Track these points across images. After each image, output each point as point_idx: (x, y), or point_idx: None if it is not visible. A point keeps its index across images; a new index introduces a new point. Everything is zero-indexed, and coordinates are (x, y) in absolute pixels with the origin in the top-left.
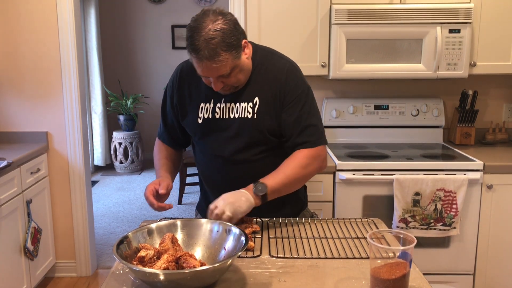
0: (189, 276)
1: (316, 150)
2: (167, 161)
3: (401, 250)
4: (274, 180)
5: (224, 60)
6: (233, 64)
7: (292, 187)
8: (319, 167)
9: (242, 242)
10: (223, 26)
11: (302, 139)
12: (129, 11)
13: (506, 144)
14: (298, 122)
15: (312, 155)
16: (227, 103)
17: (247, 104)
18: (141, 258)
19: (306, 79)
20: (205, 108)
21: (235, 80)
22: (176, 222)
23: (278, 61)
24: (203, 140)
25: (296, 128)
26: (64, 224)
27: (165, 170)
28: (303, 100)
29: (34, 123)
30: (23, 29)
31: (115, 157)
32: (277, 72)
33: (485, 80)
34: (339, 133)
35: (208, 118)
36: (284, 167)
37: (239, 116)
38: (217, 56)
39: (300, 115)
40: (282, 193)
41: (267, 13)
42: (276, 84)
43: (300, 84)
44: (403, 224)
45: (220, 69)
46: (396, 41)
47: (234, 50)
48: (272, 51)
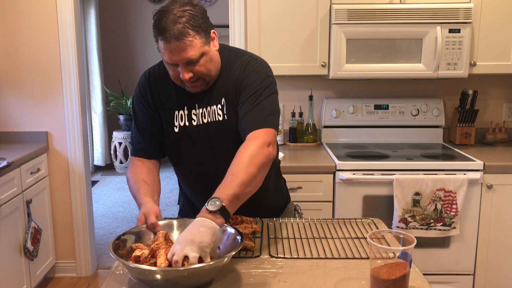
0: (185, 273)
1: (256, 135)
2: (144, 184)
3: (401, 250)
4: (226, 187)
5: (192, 40)
6: (202, 49)
7: (250, 185)
8: (267, 154)
9: (238, 241)
10: (191, 9)
11: (244, 125)
12: (129, 11)
13: (506, 144)
14: (244, 108)
15: (254, 142)
16: (200, 108)
17: (216, 106)
18: (137, 258)
19: (306, 79)
20: (179, 116)
21: (205, 71)
22: (172, 222)
23: (240, 58)
24: (179, 150)
25: (241, 113)
26: (64, 224)
27: (145, 195)
28: (256, 87)
29: (34, 123)
30: (23, 29)
31: (115, 157)
32: (237, 68)
33: (485, 80)
34: (339, 133)
35: (184, 126)
36: (231, 169)
37: (211, 120)
38: (184, 35)
39: (248, 100)
40: (242, 197)
41: (267, 13)
42: (236, 81)
43: (257, 72)
44: (403, 224)
45: (188, 51)
46: (396, 41)
47: (202, 33)
48: (236, 50)
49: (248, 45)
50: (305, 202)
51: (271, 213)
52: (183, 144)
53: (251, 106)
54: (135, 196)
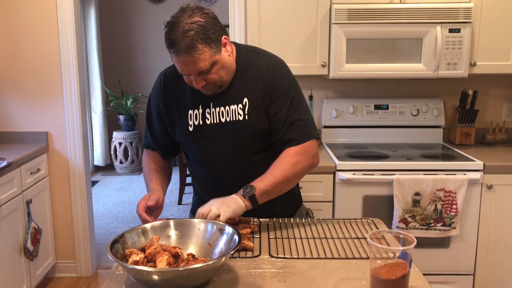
0: (183, 273)
1: (303, 146)
2: (156, 173)
3: (401, 250)
4: (262, 182)
5: (201, 53)
6: (212, 59)
7: (283, 187)
8: (310, 164)
9: (236, 241)
10: (200, 19)
11: (289, 136)
12: (129, 11)
13: (506, 144)
14: (285, 118)
15: (300, 152)
16: (216, 107)
17: (236, 106)
18: (135, 263)
19: (306, 79)
20: (194, 115)
21: (217, 78)
22: (169, 222)
23: (262, 58)
24: (196, 148)
25: (283, 123)
26: (64, 224)
27: (156, 183)
28: (291, 95)
29: (34, 123)
30: (23, 29)
31: (115, 157)
32: (262, 69)
33: (485, 80)
34: (339, 133)
35: (199, 125)
36: (273, 168)
37: (231, 120)
38: (193, 49)
39: (288, 110)
40: (274, 194)
41: (267, 13)
42: (262, 81)
43: (286, 78)
44: (403, 224)
45: (198, 63)
46: (396, 41)
47: (212, 43)
48: (255, 49)
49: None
50: (305, 202)
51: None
52: (198, 143)
53: (295, 117)
54: (147, 183)
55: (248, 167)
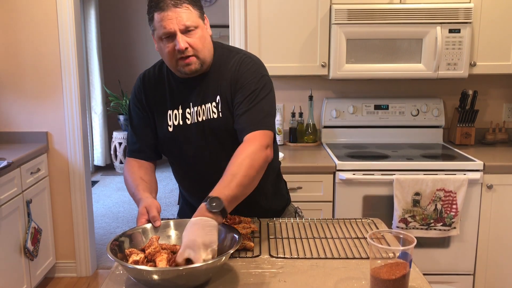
0: (183, 273)
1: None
2: (142, 181)
3: (401, 250)
4: (225, 187)
5: (188, 7)
6: (197, 21)
7: (248, 186)
8: (264, 156)
9: (236, 241)
10: None
11: (241, 125)
12: (129, 11)
13: (506, 144)
14: (240, 108)
15: (253, 143)
16: (195, 107)
17: (211, 104)
18: (136, 263)
19: (306, 79)
20: (173, 115)
21: (200, 46)
22: (169, 222)
23: (234, 56)
24: (174, 149)
25: (237, 113)
26: (64, 224)
27: (144, 190)
28: (252, 88)
29: (34, 123)
30: (23, 29)
31: (115, 157)
32: (231, 65)
33: (485, 80)
34: (339, 133)
35: (178, 125)
36: (230, 169)
37: (206, 118)
38: (181, 2)
39: (244, 101)
40: (240, 197)
41: (267, 13)
42: (230, 77)
43: (252, 72)
44: (403, 224)
45: (184, 17)
46: (396, 41)
47: (197, 7)
48: (230, 48)
49: (248, 45)
50: (305, 202)
51: (269, 215)
52: (178, 143)
53: (248, 107)
54: (133, 193)
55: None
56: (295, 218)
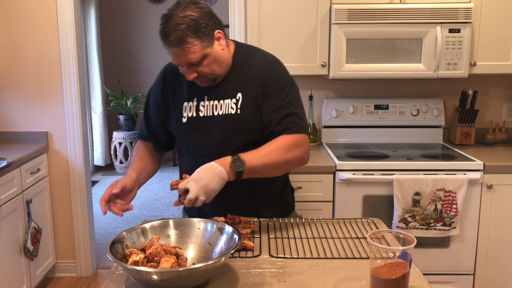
0: (183, 273)
1: (298, 137)
2: (139, 161)
3: (401, 250)
4: (254, 158)
5: (191, 46)
6: (203, 52)
7: (271, 170)
8: (301, 157)
9: (235, 241)
10: (192, 14)
11: (283, 126)
12: (129, 11)
13: (506, 144)
14: (280, 111)
15: (295, 142)
16: (210, 100)
17: (230, 100)
18: (135, 263)
19: (306, 79)
20: (188, 107)
21: (209, 71)
22: (168, 222)
23: (259, 56)
24: (188, 140)
25: (277, 115)
26: (64, 224)
27: (132, 169)
28: (286, 91)
29: (34, 123)
30: (23, 29)
31: (115, 157)
32: (259, 65)
33: (485, 80)
34: (339, 133)
35: (192, 117)
36: (267, 148)
37: (223, 113)
38: (183, 42)
39: (282, 105)
40: (259, 174)
41: (267, 13)
42: (258, 77)
43: (282, 75)
44: (403, 224)
45: (187, 55)
46: (396, 41)
47: (203, 37)
48: (254, 48)
49: None
50: (305, 202)
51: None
52: (191, 135)
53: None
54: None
55: None
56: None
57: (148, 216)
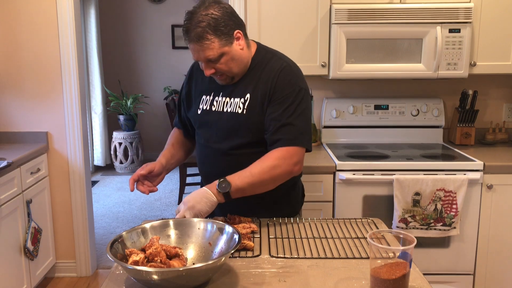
0: (183, 273)
1: (287, 151)
2: (170, 147)
3: (401, 250)
4: (240, 178)
5: (210, 44)
6: (221, 50)
7: (258, 188)
8: (289, 171)
9: (235, 241)
10: (214, 12)
11: (276, 136)
12: (129, 11)
13: (506, 144)
14: (278, 119)
15: (283, 156)
16: (223, 97)
17: (239, 99)
18: (135, 263)
19: (306, 79)
20: (205, 100)
21: (227, 69)
22: (168, 222)
23: (276, 61)
24: (199, 130)
25: (274, 123)
26: (64, 224)
27: (163, 155)
28: (290, 100)
29: (34, 123)
30: (23, 29)
31: (115, 157)
32: (272, 70)
33: (485, 80)
34: (339, 133)
35: (206, 110)
36: (252, 167)
37: (231, 111)
38: (202, 38)
39: (282, 113)
40: (247, 192)
41: (267, 13)
42: (268, 82)
43: (292, 84)
44: (403, 224)
45: (205, 52)
46: (396, 41)
47: (222, 35)
48: (274, 52)
49: None
50: (305, 202)
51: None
52: (202, 126)
53: (286, 121)
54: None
55: (241, 157)
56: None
57: (148, 216)
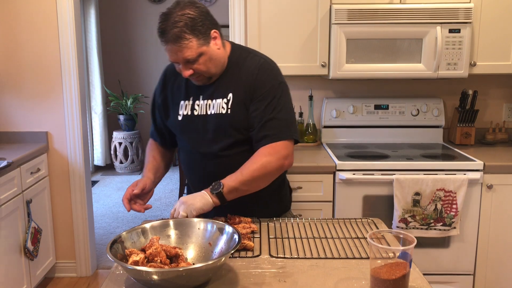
0: (183, 273)
1: (275, 146)
2: (153, 160)
3: (401, 250)
4: (231, 179)
5: (188, 43)
6: (199, 49)
7: (251, 186)
8: (280, 165)
9: (235, 241)
10: (190, 12)
11: (262, 133)
12: (129, 11)
13: (506, 144)
14: (261, 116)
15: (270, 152)
16: (205, 100)
17: (221, 100)
18: (136, 263)
19: (306, 79)
20: (184, 105)
21: (205, 69)
22: (168, 222)
23: (253, 58)
24: (182, 137)
25: (258, 121)
26: (64, 224)
27: (149, 170)
28: (272, 95)
29: (34, 123)
30: (23, 29)
31: (115, 157)
32: (250, 67)
33: (485, 80)
34: (339, 133)
35: (187, 115)
36: (243, 167)
37: (215, 112)
38: (180, 38)
39: (265, 109)
40: (242, 192)
41: (267, 13)
42: (248, 79)
43: (271, 79)
44: (403, 224)
45: (184, 52)
46: (396, 41)
47: (200, 35)
48: (249, 50)
49: (248, 45)
50: (305, 202)
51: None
52: (185, 132)
53: (269, 117)
54: (144, 167)
55: (230, 159)
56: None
57: (148, 216)
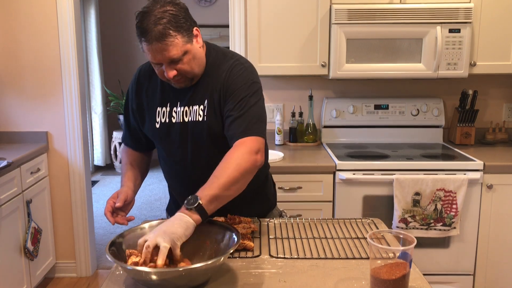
0: (183, 273)
1: (243, 142)
2: (131, 167)
3: (401, 251)
4: (207, 188)
5: (173, 40)
6: (184, 47)
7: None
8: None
9: (234, 240)
10: (171, 9)
11: (231, 132)
12: (129, 11)
13: (506, 144)
14: (231, 115)
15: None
16: (181, 106)
17: (198, 107)
18: (135, 264)
19: (306, 79)
20: (161, 112)
21: (189, 69)
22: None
23: (227, 61)
24: (161, 145)
25: (228, 120)
26: (64, 224)
27: (128, 179)
28: (242, 95)
29: (34, 123)
30: (23, 29)
31: (115, 157)
32: (223, 70)
33: (485, 80)
34: (339, 133)
35: (165, 123)
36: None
37: (192, 120)
38: (165, 36)
39: (234, 108)
40: (224, 198)
41: (267, 13)
42: (220, 83)
43: (243, 77)
44: (403, 224)
45: (170, 51)
46: (396, 41)
47: (184, 32)
48: (224, 52)
49: (248, 45)
50: (305, 202)
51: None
52: (163, 141)
53: (239, 114)
54: (122, 175)
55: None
56: (295, 218)
57: (148, 216)
